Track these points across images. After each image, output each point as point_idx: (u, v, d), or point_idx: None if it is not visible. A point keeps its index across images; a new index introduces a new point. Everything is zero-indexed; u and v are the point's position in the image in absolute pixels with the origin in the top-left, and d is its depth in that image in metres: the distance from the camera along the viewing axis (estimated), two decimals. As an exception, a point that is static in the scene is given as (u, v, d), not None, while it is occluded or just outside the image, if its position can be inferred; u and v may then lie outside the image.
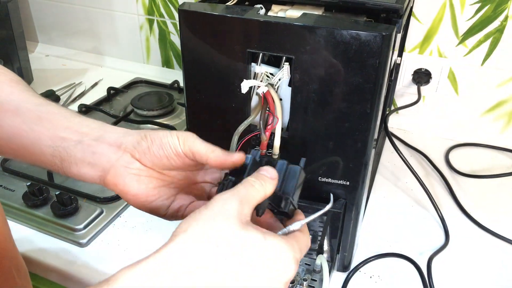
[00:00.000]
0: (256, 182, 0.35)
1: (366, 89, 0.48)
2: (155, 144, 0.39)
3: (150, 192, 0.40)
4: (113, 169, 0.39)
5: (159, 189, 0.41)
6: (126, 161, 0.39)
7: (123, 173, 0.39)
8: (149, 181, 0.40)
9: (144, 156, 0.39)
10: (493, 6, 0.81)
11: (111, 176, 0.39)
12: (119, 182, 0.39)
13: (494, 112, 0.89)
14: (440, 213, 0.70)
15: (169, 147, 0.39)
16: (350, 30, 0.45)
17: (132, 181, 0.39)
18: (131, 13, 1.14)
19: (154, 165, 0.40)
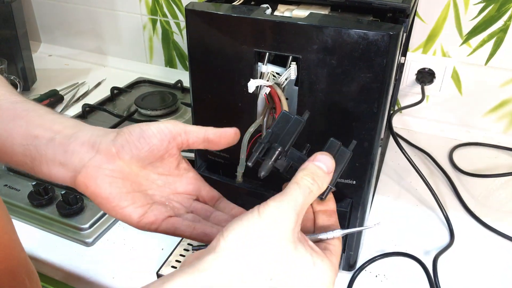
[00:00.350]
0: (313, 185, 0.33)
1: (373, 88, 0.48)
2: (134, 134, 0.37)
3: (123, 197, 0.36)
4: (84, 169, 0.36)
5: (134, 194, 0.37)
6: (99, 161, 0.36)
7: (95, 174, 0.36)
8: (123, 184, 0.37)
9: (122, 149, 0.37)
10: (497, 6, 0.81)
11: (82, 176, 0.36)
12: (90, 184, 0.36)
13: (498, 111, 0.89)
14: (445, 213, 0.70)
15: (152, 134, 0.37)
16: (357, 30, 0.45)
17: (104, 183, 0.36)
18: (134, 13, 1.14)
19: (134, 158, 0.37)
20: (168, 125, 0.38)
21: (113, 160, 0.37)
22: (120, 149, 0.37)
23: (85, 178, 0.36)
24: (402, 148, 0.70)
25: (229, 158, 0.59)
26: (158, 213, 0.38)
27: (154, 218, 0.37)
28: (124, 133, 0.37)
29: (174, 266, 0.59)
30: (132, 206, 0.37)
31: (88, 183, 0.36)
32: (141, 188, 0.38)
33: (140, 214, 0.37)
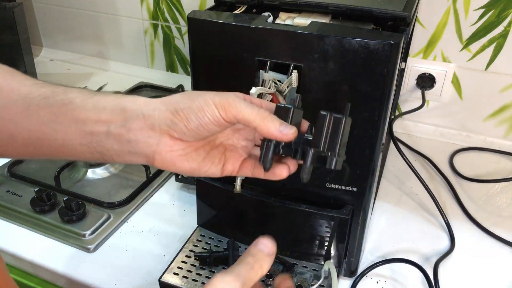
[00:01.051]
0: (255, 264, 0.35)
1: (374, 97, 0.48)
2: (192, 122, 0.36)
3: (202, 164, 0.39)
4: (157, 155, 0.37)
5: (209, 157, 0.40)
6: (168, 144, 0.37)
7: (170, 157, 0.37)
8: (198, 155, 0.39)
9: (184, 135, 0.37)
10: (497, 12, 0.81)
11: (158, 162, 0.37)
12: (170, 166, 0.38)
13: (498, 116, 0.90)
14: (445, 218, 0.70)
15: (208, 121, 0.36)
16: (358, 39, 0.46)
17: (182, 162, 0.38)
18: (135, 17, 1.14)
19: (197, 138, 0.38)
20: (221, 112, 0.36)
21: (179, 142, 0.37)
22: (183, 136, 0.37)
23: (162, 163, 0.38)
24: (403, 153, 0.70)
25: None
26: (233, 161, 0.41)
27: (232, 168, 0.41)
28: (181, 119, 0.36)
29: (176, 273, 0.59)
30: (212, 166, 0.40)
31: (167, 166, 0.38)
32: (210, 145, 0.40)
33: (220, 169, 0.41)
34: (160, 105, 0.37)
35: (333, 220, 0.56)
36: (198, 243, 0.63)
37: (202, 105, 0.36)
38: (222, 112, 0.36)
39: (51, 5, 1.24)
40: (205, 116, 0.36)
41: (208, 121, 0.36)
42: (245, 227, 0.62)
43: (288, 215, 0.58)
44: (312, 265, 0.61)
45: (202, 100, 0.36)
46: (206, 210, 0.65)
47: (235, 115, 0.36)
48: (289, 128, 0.36)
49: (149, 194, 0.77)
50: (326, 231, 0.58)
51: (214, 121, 0.36)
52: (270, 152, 0.39)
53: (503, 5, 0.80)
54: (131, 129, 0.37)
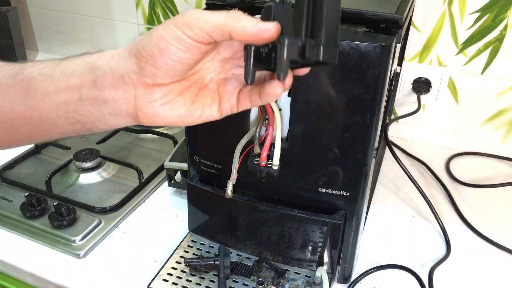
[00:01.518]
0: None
1: (366, 99, 0.47)
2: (157, 58, 0.31)
3: (193, 108, 0.35)
4: (139, 111, 0.34)
5: (199, 98, 0.35)
6: (144, 95, 0.33)
7: (154, 110, 0.34)
8: (184, 99, 0.34)
9: (156, 77, 0.32)
10: (493, 16, 0.81)
11: (143, 118, 0.34)
12: (157, 120, 0.34)
13: (495, 121, 0.89)
14: (441, 224, 0.69)
15: (175, 49, 0.31)
16: (349, 41, 0.45)
17: (167, 111, 0.34)
18: (131, 22, 1.14)
19: (173, 76, 0.33)
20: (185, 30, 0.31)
21: (157, 89, 0.33)
22: (155, 78, 0.33)
23: (147, 118, 0.34)
24: (398, 158, 0.69)
25: (222, 169, 0.59)
26: (229, 97, 0.36)
27: (229, 104, 0.36)
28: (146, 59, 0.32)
29: (165, 279, 0.58)
30: (205, 108, 0.35)
31: (154, 120, 0.34)
32: (198, 85, 0.35)
33: (217, 110, 0.36)
34: (124, 53, 0.33)
35: (325, 226, 0.55)
36: (189, 249, 0.62)
37: (162, 33, 0.31)
38: (186, 31, 0.30)
39: (47, 9, 1.23)
40: (169, 44, 0.31)
41: (175, 49, 0.31)
42: (236, 233, 0.61)
43: (280, 220, 0.57)
44: (304, 271, 0.59)
45: (161, 28, 0.31)
46: (197, 216, 0.64)
47: (202, 28, 0.30)
48: (268, 23, 0.30)
49: (142, 199, 0.76)
50: (319, 236, 0.57)
51: (182, 47, 0.31)
52: (250, 60, 0.32)
53: (498, 9, 0.80)
54: (104, 87, 0.33)
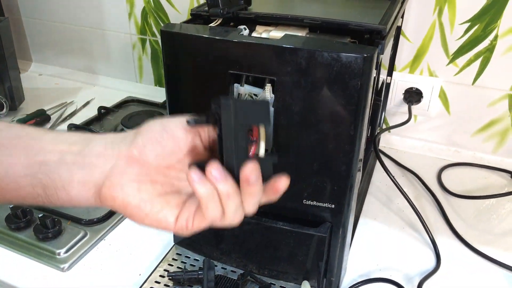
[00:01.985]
0: None
1: (348, 110, 0.47)
2: (155, 131, 0.33)
3: (155, 201, 0.33)
4: (108, 180, 0.33)
5: (166, 196, 0.34)
6: (122, 166, 0.33)
7: (120, 182, 0.32)
8: (153, 187, 0.33)
9: (144, 149, 0.33)
10: (483, 26, 0.80)
11: (106, 188, 0.32)
12: (117, 194, 0.32)
13: (487, 131, 0.88)
14: (431, 236, 0.68)
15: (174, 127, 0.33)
16: (331, 52, 0.45)
17: (132, 189, 0.32)
18: (124, 32, 1.14)
19: (159, 157, 0.33)
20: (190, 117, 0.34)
21: (137, 163, 0.33)
22: (142, 149, 0.33)
23: (109, 189, 0.33)
24: (387, 169, 0.68)
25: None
26: (190, 206, 0.34)
27: (188, 213, 0.33)
28: (144, 131, 0.34)
29: (148, 293, 0.57)
30: (167, 208, 0.33)
31: (114, 194, 0.32)
32: (173, 188, 0.34)
33: (176, 215, 0.33)
34: (125, 134, 0.35)
35: (310, 238, 0.54)
36: (174, 262, 0.61)
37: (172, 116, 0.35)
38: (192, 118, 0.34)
39: (41, 20, 1.24)
40: (171, 121, 0.34)
41: (173, 126, 0.33)
42: (221, 246, 0.60)
43: (264, 232, 0.56)
44: (290, 285, 0.58)
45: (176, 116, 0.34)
46: (182, 228, 0.63)
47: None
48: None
49: (129, 210, 0.75)
50: (304, 249, 0.56)
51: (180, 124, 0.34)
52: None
53: (489, 19, 0.80)
54: (89, 155, 0.34)
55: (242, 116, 0.33)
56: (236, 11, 0.55)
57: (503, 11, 0.78)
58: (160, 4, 1.06)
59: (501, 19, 0.79)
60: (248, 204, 0.33)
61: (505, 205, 0.79)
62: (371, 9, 0.57)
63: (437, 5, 0.82)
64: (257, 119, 0.34)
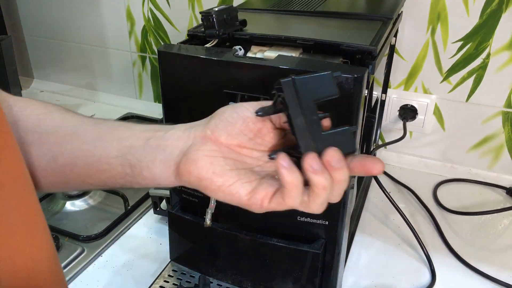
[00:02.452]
0: None
1: (340, 129, 0.48)
2: (226, 112, 0.36)
3: (228, 174, 0.34)
4: (184, 157, 0.35)
5: (239, 171, 0.35)
6: (197, 144, 0.36)
7: (195, 157, 0.35)
8: (225, 162, 0.35)
9: (216, 128, 0.36)
10: (475, 44, 0.82)
11: (183, 164, 0.35)
12: (192, 168, 0.35)
13: (482, 147, 0.89)
14: (426, 252, 0.68)
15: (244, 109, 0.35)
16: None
17: (205, 163, 0.34)
18: (124, 50, 1.16)
19: (230, 135, 0.35)
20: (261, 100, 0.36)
21: (210, 141, 0.36)
22: (215, 129, 0.36)
23: (185, 164, 0.35)
24: (382, 185, 0.69)
25: (203, 198, 0.59)
26: (267, 186, 0.34)
27: (264, 193, 0.34)
28: (217, 114, 0.37)
29: (144, 310, 0.57)
30: (238, 182, 0.34)
31: (190, 168, 0.35)
32: (246, 165, 0.36)
33: (249, 190, 0.34)
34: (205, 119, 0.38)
35: (304, 255, 0.55)
36: (169, 279, 0.62)
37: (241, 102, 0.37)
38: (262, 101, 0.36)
39: (43, 38, 1.26)
40: (242, 105, 0.36)
41: (244, 108, 0.36)
42: (217, 262, 0.60)
43: (259, 249, 0.57)
44: (285, 301, 0.59)
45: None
46: (178, 244, 0.63)
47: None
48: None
49: (127, 226, 0.76)
50: (299, 265, 0.56)
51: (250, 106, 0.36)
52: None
53: (481, 37, 0.81)
54: (170, 138, 0.37)
55: (306, 91, 0.33)
56: (232, 32, 0.57)
57: (494, 30, 0.80)
58: (160, 23, 1.08)
59: (493, 37, 0.80)
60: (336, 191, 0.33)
61: (501, 221, 0.79)
62: (364, 30, 0.59)
63: (430, 24, 0.84)
64: (323, 92, 0.34)
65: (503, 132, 0.86)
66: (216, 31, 0.55)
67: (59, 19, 1.21)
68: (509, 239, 0.75)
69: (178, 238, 0.63)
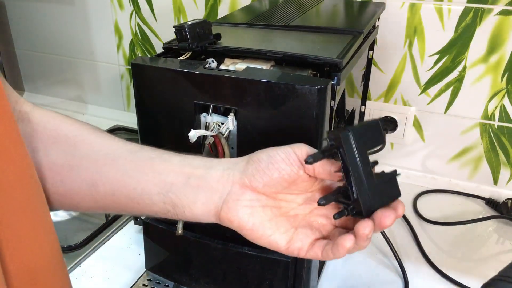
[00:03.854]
0: None
1: (307, 139, 0.49)
2: (263, 162, 0.37)
3: (266, 225, 0.37)
4: (225, 204, 0.37)
5: (276, 220, 0.37)
6: (236, 193, 0.37)
7: (235, 207, 0.37)
8: (264, 212, 0.37)
9: (253, 178, 0.37)
10: (451, 57, 0.84)
11: (224, 212, 0.37)
12: (233, 218, 0.37)
13: (461, 158, 0.90)
14: (399, 261, 0.69)
15: (280, 160, 0.36)
16: (287, 83, 0.47)
17: (245, 215, 0.37)
18: (112, 63, 1.18)
19: (266, 185, 0.37)
20: (296, 149, 0.37)
21: (248, 191, 0.37)
22: (252, 179, 0.37)
23: (227, 213, 0.37)
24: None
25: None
26: (303, 237, 0.37)
27: (300, 244, 0.37)
28: (254, 162, 0.37)
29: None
30: (277, 233, 0.37)
31: (231, 218, 0.37)
32: (282, 211, 0.38)
33: (287, 240, 0.37)
34: (241, 160, 0.39)
35: (276, 263, 0.55)
36: (144, 288, 0.62)
37: (279, 148, 0.37)
38: (297, 149, 0.37)
39: (33, 51, 1.28)
40: (277, 154, 0.37)
41: (279, 158, 0.36)
42: (190, 271, 0.61)
43: (232, 258, 0.57)
44: (258, 311, 0.59)
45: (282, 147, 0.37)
46: (153, 253, 0.64)
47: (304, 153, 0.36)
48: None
49: (107, 237, 0.77)
50: (271, 274, 0.57)
51: (285, 157, 0.36)
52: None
53: (456, 51, 0.83)
54: (210, 180, 0.38)
55: (362, 143, 0.35)
56: (205, 44, 0.58)
57: (469, 44, 0.82)
58: (147, 37, 1.10)
59: (468, 51, 0.82)
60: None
61: (480, 232, 0.80)
62: (334, 43, 0.61)
63: (407, 38, 0.85)
64: (374, 142, 0.36)
65: (481, 143, 0.88)
66: (189, 44, 0.56)
67: (49, 33, 1.23)
68: (487, 249, 0.75)
69: (153, 247, 0.63)
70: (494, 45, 0.80)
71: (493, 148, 0.87)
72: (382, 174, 0.36)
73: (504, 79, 0.82)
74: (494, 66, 0.81)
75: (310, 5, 0.82)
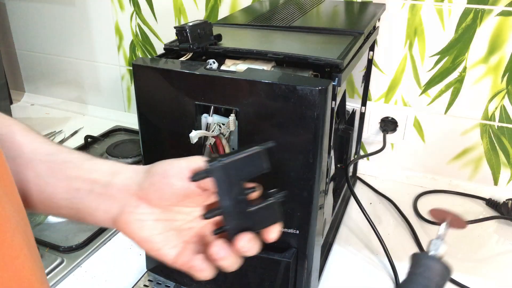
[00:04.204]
0: None
1: (307, 140, 0.49)
2: (156, 176, 0.37)
3: (155, 239, 0.37)
4: (121, 216, 0.38)
5: (166, 234, 0.38)
6: (132, 205, 0.38)
7: (129, 220, 0.38)
8: (153, 226, 0.38)
9: (148, 192, 0.38)
10: (451, 58, 0.84)
11: (120, 223, 0.38)
12: (126, 230, 0.38)
13: (462, 159, 0.91)
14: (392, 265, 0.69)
15: (173, 175, 0.37)
16: (288, 84, 0.47)
17: (136, 228, 0.37)
18: (113, 64, 1.18)
19: (160, 199, 0.38)
20: (191, 163, 0.37)
21: (143, 203, 0.38)
22: (147, 192, 0.38)
23: (122, 224, 0.38)
24: (358, 200, 0.70)
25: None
26: (189, 253, 0.38)
27: (187, 258, 0.38)
28: (150, 175, 0.38)
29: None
30: (166, 247, 0.38)
31: (125, 229, 0.38)
32: (175, 224, 0.39)
33: (173, 255, 0.38)
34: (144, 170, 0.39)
35: (277, 264, 0.55)
36: (145, 288, 0.62)
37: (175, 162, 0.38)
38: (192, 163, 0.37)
39: (34, 52, 1.28)
40: (172, 169, 0.37)
41: (172, 174, 0.37)
42: (192, 272, 0.61)
43: (232, 258, 0.57)
44: (258, 311, 0.59)
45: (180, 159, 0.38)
46: (155, 254, 0.64)
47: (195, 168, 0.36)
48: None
49: (107, 237, 0.77)
50: (271, 275, 0.57)
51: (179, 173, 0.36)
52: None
53: (457, 51, 0.83)
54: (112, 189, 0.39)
55: (234, 173, 0.35)
56: (206, 45, 0.58)
57: (469, 45, 0.82)
58: (147, 38, 1.11)
59: (469, 51, 0.82)
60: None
61: (480, 232, 0.80)
62: (334, 44, 0.61)
63: (407, 39, 0.86)
64: (252, 170, 0.35)
65: (482, 144, 0.88)
66: (190, 45, 0.56)
67: (50, 34, 1.23)
68: (488, 250, 0.75)
69: (154, 248, 0.63)
70: (494, 46, 0.80)
71: (493, 149, 0.87)
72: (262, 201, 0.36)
73: (504, 79, 0.82)
74: (494, 67, 0.82)
75: (310, 6, 0.82)
